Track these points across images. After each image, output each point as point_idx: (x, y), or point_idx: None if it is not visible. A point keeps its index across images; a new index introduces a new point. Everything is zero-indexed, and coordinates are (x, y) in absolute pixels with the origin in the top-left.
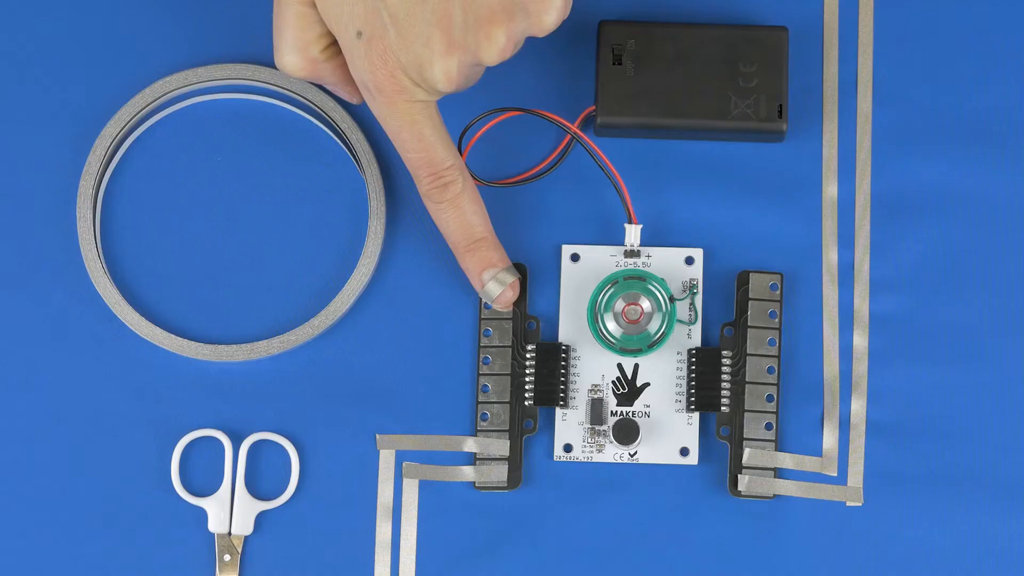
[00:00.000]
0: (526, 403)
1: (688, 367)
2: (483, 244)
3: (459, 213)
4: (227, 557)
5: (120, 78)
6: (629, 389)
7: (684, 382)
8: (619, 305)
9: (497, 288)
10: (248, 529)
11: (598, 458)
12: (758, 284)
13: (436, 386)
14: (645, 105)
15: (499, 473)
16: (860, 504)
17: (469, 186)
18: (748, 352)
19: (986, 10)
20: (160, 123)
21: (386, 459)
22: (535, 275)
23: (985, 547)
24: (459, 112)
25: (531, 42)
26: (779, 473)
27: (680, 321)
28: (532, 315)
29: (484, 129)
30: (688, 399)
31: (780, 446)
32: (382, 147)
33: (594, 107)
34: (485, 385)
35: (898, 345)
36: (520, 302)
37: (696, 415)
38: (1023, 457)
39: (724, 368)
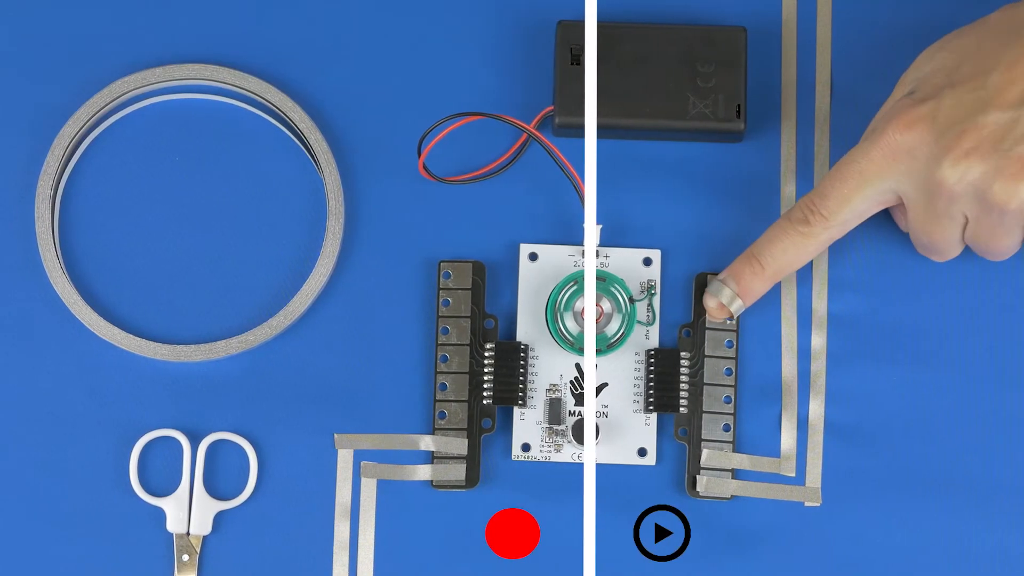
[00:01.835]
0: (484, 402)
1: (646, 368)
2: (745, 256)
3: (788, 240)
4: (185, 557)
5: (78, 78)
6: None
7: (642, 383)
8: (578, 305)
9: (712, 295)
10: (207, 529)
11: (556, 458)
12: None
13: (394, 385)
14: (603, 105)
15: (457, 472)
16: (818, 504)
17: (813, 237)
18: (706, 353)
19: (944, 10)
20: (119, 123)
21: (344, 458)
22: (493, 274)
23: (944, 547)
24: (419, 114)
25: (489, 42)
26: (737, 474)
27: (638, 322)
28: (490, 314)
29: (444, 134)
30: (646, 400)
31: (738, 447)
32: (340, 148)
33: (552, 107)
34: (443, 384)
35: (856, 345)
36: (478, 300)
37: (654, 416)
38: (982, 457)
39: (682, 369)
